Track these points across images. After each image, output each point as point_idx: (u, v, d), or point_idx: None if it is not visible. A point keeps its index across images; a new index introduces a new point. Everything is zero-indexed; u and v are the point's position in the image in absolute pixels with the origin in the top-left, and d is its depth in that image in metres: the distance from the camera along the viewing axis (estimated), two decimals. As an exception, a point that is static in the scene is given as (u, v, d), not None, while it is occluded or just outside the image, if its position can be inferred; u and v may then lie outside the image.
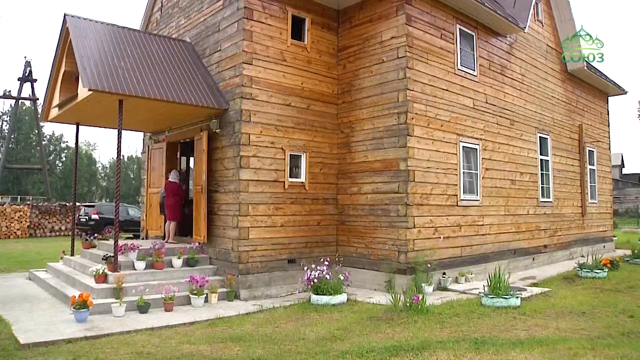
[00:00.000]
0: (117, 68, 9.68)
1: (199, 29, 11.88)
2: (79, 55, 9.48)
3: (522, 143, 14.14)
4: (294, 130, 10.88)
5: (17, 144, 60.84)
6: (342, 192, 11.57)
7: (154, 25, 14.37)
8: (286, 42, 10.87)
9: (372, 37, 11.11)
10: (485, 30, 12.88)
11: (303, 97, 11.10)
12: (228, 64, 10.62)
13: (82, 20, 10.51)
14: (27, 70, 38.73)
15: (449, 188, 11.22)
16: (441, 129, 11.10)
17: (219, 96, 10.60)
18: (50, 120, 12.15)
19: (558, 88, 16.50)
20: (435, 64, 11.10)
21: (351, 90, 11.48)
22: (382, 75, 10.78)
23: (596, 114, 19.49)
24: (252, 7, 10.40)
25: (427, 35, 10.96)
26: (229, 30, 10.69)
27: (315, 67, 11.38)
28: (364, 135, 11.10)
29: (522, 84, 14.39)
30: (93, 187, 72.73)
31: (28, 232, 27.58)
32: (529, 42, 14.93)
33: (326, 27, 11.70)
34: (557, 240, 15.56)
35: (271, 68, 10.55)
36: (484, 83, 12.67)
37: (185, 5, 12.66)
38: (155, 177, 13.27)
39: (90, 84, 8.88)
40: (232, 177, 10.18)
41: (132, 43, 10.79)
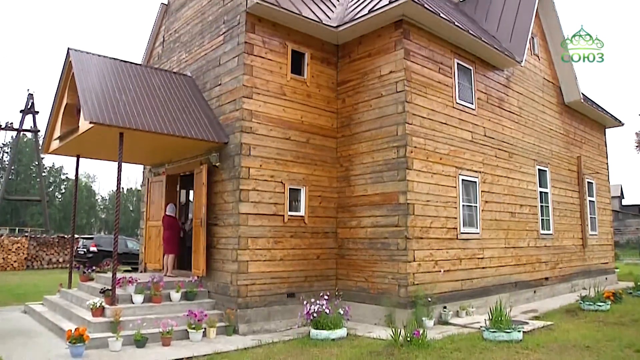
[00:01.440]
0: (118, 101, 9.77)
1: (200, 63, 12.04)
2: (81, 88, 9.59)
3: (521, 175, 14.18)
4: (294, 164, 10.92)
5: (17, 176, 60.97)
6: (341, 225, 11.54)
7: (155, 60, 14.56)
8: (286, 77, 11.00)
9: (371, 72, 11.25)
10: (482, 64, 13.05)
11: (303, 130, 11.18)
12: (228, 97, 10.72)
13: (85, 55, 10.66)
14: (29, 102, 39.09)
15: (448, 221, 11.20)
16: (440, 162, 11.14)
17: (219, 130, 10.67)
18: (51, 152, 12.21)
19: (556, 120, 16.63)
20: (434, 98, 11.22)
21: (350, 124, 11.56)
22: (381, 109, 10.88)
23: (594, 145, 19.60)
24: (252, 42, 10.56)
25: (425, 69, 11.10)
26: (230, 65, 10.83)
27: (315, 101, 11.50)
28: (363, 169, 11.14)
29: (520, 117, 14.51)
30: (92, 219, 72.62)
31: (25, 264, 27.40)
32: (526, 75, 15.11)
33: (325, 61, 11.87)
34: (559, 273, 15.46)
35: (271, 102, 10.66)
36: (482, 116, 12.78)
37: (187, 40, 12.85)
38: (155, 210, 13.25)
39: (91, 117, 8.95)
40: (232, 211, 10.17)
41: (134, 77, 10.92)
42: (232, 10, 11.06)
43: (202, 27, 12.23)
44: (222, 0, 11.54)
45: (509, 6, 15.25)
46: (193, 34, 12.60)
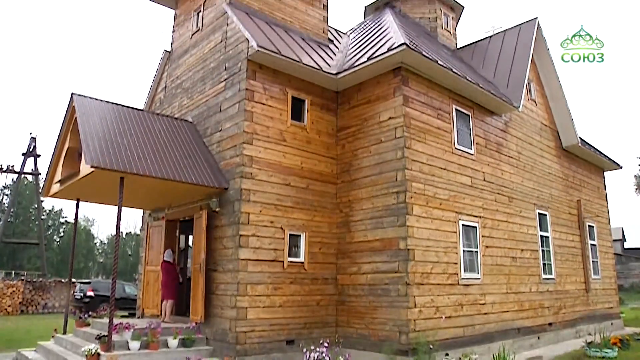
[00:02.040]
0: (119, 146, 9.83)
1: (201, 109, 12.18)
2: (83, 132, 9.67)
3: (522, 220, 14.14)
4: (294, 210, 10.91)
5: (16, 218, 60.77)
6: (341, 271, 11.45)
7: (157, 105, 14.73)
8: (286, 123, 11.11)
9: (370, 118, 11.37)
10: (480, 110, 13.20)
11: (302, 176, 11.22)
12: (229, 143, 10.80)
13: (87, 100, 10.79)
14: (31, 145, 39.38)
15: (449, 267, 11.11)
16: (440, 207, 11.13)
17: (219, 175, 10.70)
18: (51, 195, 12.20)
19: (554, 164, 16.70)
20: (433, 143, 11.30)
21: (350, 170, 11.61)
22: (381, 155, 10.94)
23: (593, 188, 19.62)
24: (253, 89, 10.71)
25: (424, 115, 11.22)
26: (231, 111, 10.95)
27: (315, 147, 11.58)
28: (363, 215, 11.12)
29: (519, 161, 14.58)
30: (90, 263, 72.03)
31: (19, 309, 26.99)
32: (524, 120, 15.27)
33: (325, 108, 12.01)
34: (562, 318, 15.23)
35: (271, 148, 10.74)
36: (482, 161, 12.84)
37: (189, 87, 13.03)
38: (154, 255, 13.15)
39: (92, 161, 8.99)
40: (231, 256, 10.10)
41: (136, 122, 11.02)
42: (234, 57, 11.26)
43: (203, 73, 12.43)
44: (224, 48, 11.76)
45: (505, 53, 15.55)
46: (195, 80, 12.80)
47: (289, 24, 13.01)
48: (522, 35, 15.89)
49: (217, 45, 12.10)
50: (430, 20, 17.58)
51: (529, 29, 15.95)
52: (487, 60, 15.78)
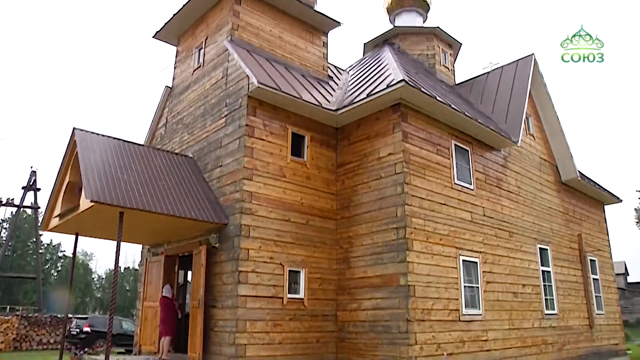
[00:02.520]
0: (120, 181, 9.85)
1: (202, 144, 12.24)
2: (84, 167, 9.69)
3: (523, 255, 14.06)
4: (293, 246, 10.86)
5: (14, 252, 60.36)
6: (341, 308, 11.33)
7: (158, 140, 14.80)
8: (286, 159, 11.16)
9: (370, 154, 11.43)
10: (479, 145, 13.28)
11: (302, 212, 11.21)
12: (229, 179, 10.82)
13: (89, 134, 10.84)
14: (32, 179, 39.41)
15: (450, 303, 10.99)
16: (440, 243, 11.09)
17: (219, 211, 10.69)
18: (50, 229, 12.14)
19: (554, 199, 16.70)
20: (433, 179, 11.32)
21: (350, 206, 11.61)
22: (381, 191, 10.95)
23: (594, 222, 19.57)
24: (253, 125, 10.79)
25: (423, 151, 11.28)
26: (231, 147, 11.01)
27: (315, 183, 11.60)
28: (363, 251, 11.07)
29: (519, 196, 14.59)
30: (87, 298, 71.18)
31: (12, 345, 26.53)
32: (523, 155, 15.34)
33: (325, 144, 12.09)
34: (566, 355, 14.99)
35: (271, 184, 10.76)
36: (481, 196, 12.85)
37: (189, 122, 13.13)
38: (152, 290, 13.03)
39: (92, 196, 8.99)
40: (230, 293, 10.01)
41: (136, 157, 11.06)
42: (234, 93, 11.38)
43: (204, 109, 12.54)
44: (225, 84, 11.90)
45: (502, 88, 15.73)
46: (195, 116, 12.90)
47: (290, 61, 13.20)
48: (519, 70, 16.11)
49: (218, 82, 12.24)
50: (429, 57, 17.84)
51: (525, 64, 16.17)
52: (486, 95, 15.95)
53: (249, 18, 12.70)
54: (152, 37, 14.89)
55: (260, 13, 12.99)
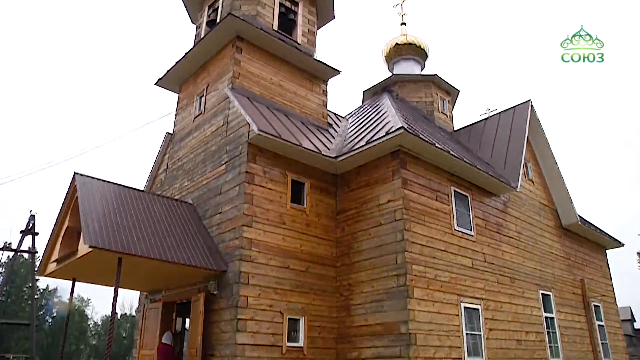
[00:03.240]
0: (119, 226, 9.82)
1: (202, 191, 12.26)
2: (84, 212, 9.68)
3: (525, 301, 13.89)
4: (293, 293, 10.74)
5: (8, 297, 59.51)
6: (342, 356, 11.10)
7: (158, 186, 14.82)
8: (286, 206, 11.17)
9: (369, 201, 11.44)
10: (479, 191, 13.30)
11: (302, 259, 11.14)
12: (228, 226, 10.79)
13: (89, 179, 10.87)
14: (30, 223, 39.20)
15: (452, 351, 10.79)
16: (441, 289, 10.98)
17: (218, 258, 10.62)
18: (47, 274, 12.00)
19: (555, 244, 16.62)
20: (433, 225, 11.30)
21: (350, 253, 11.55)
22: (381, 238, 10.92)
23: (597, 267, 19.40)
24: (253, 172, 10.84)
25: (422, 197, 11.30)
26: (231, 194, 11.02)
27: (314, 230, 11.58)
28: (363, 298, 10.94)
29: (519, 241, 14.53)
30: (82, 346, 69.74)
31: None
32: (523, 200, 15.35)
33: (325, 191, 12.12)
34: (572, 406, 14.63)
35: (271, 231, 10.72)
36: (482, 242, 12.79)
37: (190, 168, 13.18)
38: (149, 337, 12.79)
39: (91, 241, 8.95)
40: (229, 341, 9.83)
41: (136, 203, 11.06)
42: (235, 140, 11.48)
43: (205, 156, 12.62)
44: (225, 131, 12.01)
45: (501, 135, 15.89)
46: (196, 162, 12.96)
47: (290, 108, 13.37)
48: (517, 116, 16.31)
49: (218, 129, 12.37)
50: (427, 104, 18.11)
51: (523, 110, 16.40)
52: (484, 141, 16.10)
53: (249, 66, 12.94)
54: (154, 84, 15.12)
55: (261, 61, 13.24)
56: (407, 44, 20.62)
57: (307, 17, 15.11)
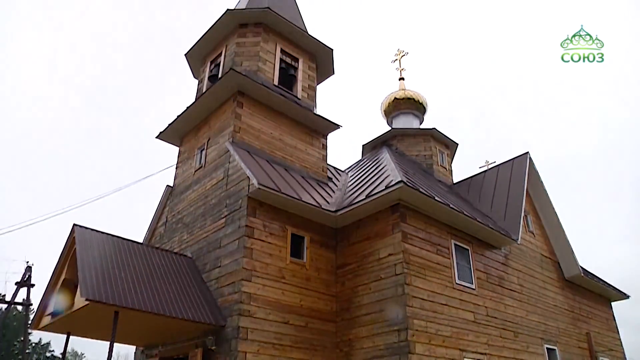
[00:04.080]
0: (116, 279, 9.75)
1: (201, 244, 12.21)
2: (81, 265, 9.63)
3: (529, 356, 13.60)
4: (292, 349, 10.54)
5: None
6: (343, 416, 10.80)
7: (157, 239, 14.78)
8: (285, 260, 11.11)
9: (369, 255, 11.39)
10: (479, 244, 13.25)
11: (302, 314, 10.99)
12: (227, 280, 10.70)
13: (88, 231, 10.86)
14: (26, 275, 38.77)
15: (457, 410, 10.50)
16: (443, 345, 10.77)
17: (216, 312, 10.48)
18: (41, 328, 11.79)
19: (558, 296, 16.41)
20: (433, 279, 11.20)
21: (350, 308, 11.40)
22: (381, 292, 10.81)
23: (602, 320, 19.08)
24: (253, 226, 10.84)
25: (423, 251, 11.25)
26: (230, 247, 10.98)
27: (314, 285, 11.47)
28: (364, 354, 10.72)
29: (522, 294, 14.35)
30: (75, 403, 67.67)
31: None
32: (524, 252, 15.27)
33: (324, 245, 12.08)
34: None
35: (270, 285, 10.63)
36: (483, 296, 12.65)
37: (189, 222, 13.18)
38: (145, 396, 12.48)
39: (88, 294, 8.86)
40: (226, 400, 9.58)
41: (135, 255, 11.01)
42: (235, 194, 11.53)
43: (204, 209, 12.64)
44: (226, 185, 12.08)
45: (500, 187, 15.97)
46: (196, 215, 12.98)
47: (289, 162, 13.49)
48: (515, 169, 16.44)
49: (218, 182, 12.44)
50: (426, 157, 18.29)
51: (521, 162, 16.54)
52: (483, 194, 16.16)
53: (250, 120, 13.14)
54: (156, 137, 15.32)
55: (261, 116, 13.47)
56: (406, 99, 21.02)
57: (307, 73, 15.47)
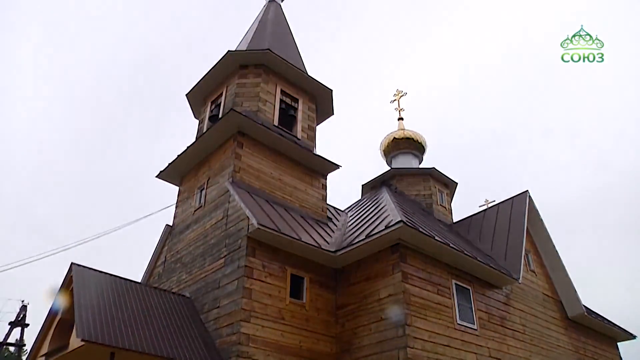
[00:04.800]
0: (113, 319, 9.64)
1: (200, 284, 12.11)
2: (78, 305, 9.53)
3: (534, 399, 13.32)
4: (292, 393, 10.35)
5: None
6: None
7: (155, 279, 14.66)
8: (285, 301, 11.00)
9: (369, 295, 11.29)
10: (480, 283, 13.14)
11: (301, 356, 10.81)
12: (226, 320, 10.58)
13: (86, 271, 10.79)
14: (21, 314, 38.27)
15: None
16: (446, 388, 10.57)
17: (214, 354, 10.31)
18: (34, 370, 11.59)
19: (562, 336, 16.15)
20: (434, 320, 11.07)
21: (350, 349, 11.22)
22: (382, 333, 10.66)
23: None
24: (252, 266, 10.78)
25: (424, 291, 11.15)
26: (229, 288, 10.89)
27: (314, 326, 11.33)
28: (365, 398, 10.52)
29: (525, 335, 14.14)
30: None
31: None
32: (526, 292, 15.11)
33: (324, 285, 11.99)
34: None
35: (269, 326, 10.50)
36: (485, 336, 12.46)
37: (188, 261, 13.10)
38: None
39: (84, 334, 8.75)
40: None
41: (132, 295, 10.92)
42: (234, 234, 11.50)
43: (204, 249, 12.59)
44: (225, 225, 12.06)
45: (500, 226, 15.94)
46: (195, 255, 12.91)
47: (289, 202, 13.51)
48: (515, 207, 16.44)
49: (218, 222, 12.43)
50: (426, 196, 18.33)
51: (521, 201, 16.54)
52: (484, 233, 16.12)
53: (250, 160, 13.22)
54: (156, 176, 15.37)
55: (261, 156, 13.55)
56: (405, 139, 21.18)
57: (306, 113, 15.65)
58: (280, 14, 19.03)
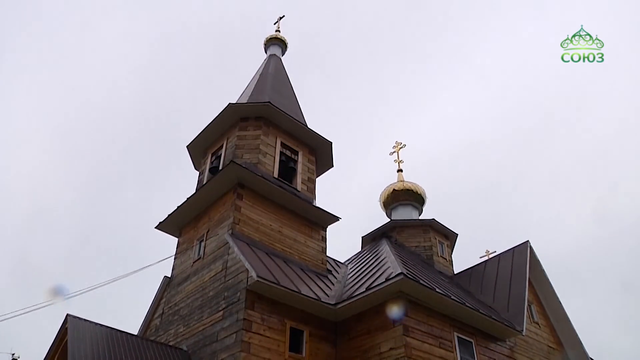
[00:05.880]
0: (107, 374, 9.42)
1: (197, 337, 11.89)
2: (72, 357, 9.35)
3: None
4: None
5: None
6: None
7: (152, 331, 14.38)
8: (284, 354, 10.80)
9: (370, 349, 11.08)
10: (483, 336, 12.91)
11: (301, 414, 10.52)
12: (224, 376, 10.34)
13: (82, 322, 10.62)
14: (12, 368, 37.37)
15: None
16: None
17: (211, 413, 10.04)
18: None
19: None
20: (437, 375, 10.82)
21: (352, 406, 10.94)
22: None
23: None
24: (251, 319, 10.62)
25: (425, 344, 10.96)
26: (227, 341, 10.69)
27: (314, 381, 11.07)
28: None
29: (530, 390, 13.80)
30: None
31: None
32: (529, 344, 14.83)
33: (324, 339, 11.78)
34: None
35: (268, 382, 10.25)
36: (490, 393, 12.16)
37: (186, 314, 12.91)
38: None
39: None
40: None
41: (128, 348, 10.74)
42: (233, 287, 11.39)
43: (202, 301, 12.43)
44: (224, 277, 11.96)
45: (502, 277, 15.80)
46: (193, 307, 12.73)
47: (289, 255, 13.43)
48: (516, 257, 16.34)
49: (217, 274, 12.33)
50: (426, 248, 18.24)
51: (522, 251, 16.46)
52: (485, 284, 15.96)
53: (250, 212, 13.22)
54: (155, 227, 15.32)
55: (261, 208, 13.56)
56: (405, 190, 21.23)
57: (306, 166, 15.77)
58: (281, 68, 19.47)
